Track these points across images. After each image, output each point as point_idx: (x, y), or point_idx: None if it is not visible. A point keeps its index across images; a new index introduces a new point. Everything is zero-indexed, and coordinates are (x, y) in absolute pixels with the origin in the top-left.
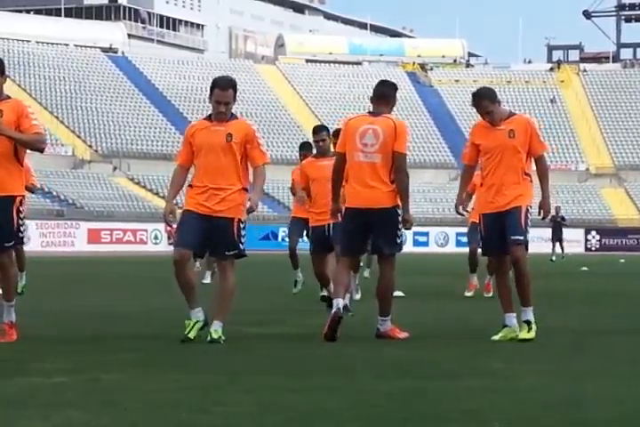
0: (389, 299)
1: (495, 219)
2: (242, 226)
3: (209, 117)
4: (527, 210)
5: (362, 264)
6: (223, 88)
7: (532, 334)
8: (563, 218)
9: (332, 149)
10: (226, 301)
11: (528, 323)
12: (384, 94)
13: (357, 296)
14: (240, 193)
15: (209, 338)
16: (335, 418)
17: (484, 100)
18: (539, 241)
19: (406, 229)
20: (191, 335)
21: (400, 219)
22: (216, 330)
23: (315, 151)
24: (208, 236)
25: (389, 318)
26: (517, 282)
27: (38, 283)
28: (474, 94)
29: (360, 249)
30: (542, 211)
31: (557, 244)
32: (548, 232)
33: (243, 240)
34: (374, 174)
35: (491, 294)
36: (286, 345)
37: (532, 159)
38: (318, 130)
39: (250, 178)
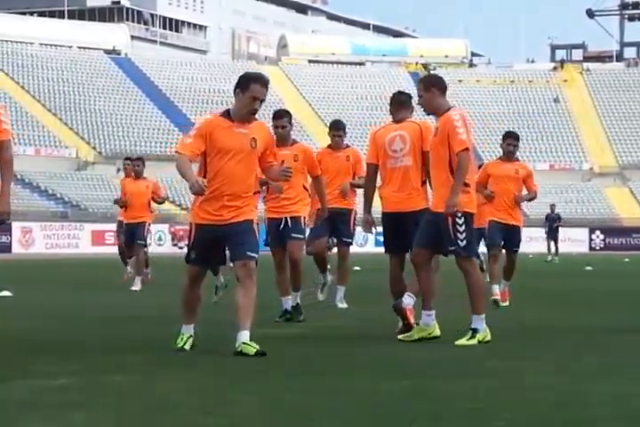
0: (432, 294)
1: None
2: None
3: (227, 115)
4: (454, 216)
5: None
6: (263, 84)
7: (469, 342)
8: (559, 217)
9: (291, 137)
10: (253, 307)
11: (473, 331)
12: (402, 101)
13: (344, 305)
14: (254, 197)
15: (251, 353)
16: (339, 418)
17: (419, 84)
18: (536, 241)
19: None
20: (187, 347)
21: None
22: (250, 342)
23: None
24: (224, 244)
25: (433, 313)
26: (467, 289)
27: (43, 285)
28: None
29: (404, 247)
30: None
31: (552, 243)
32: (526, 231)
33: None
34: (407, 179)
35: (507, 303)
36: (290, 346)
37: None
38: (279, 115)
39: None
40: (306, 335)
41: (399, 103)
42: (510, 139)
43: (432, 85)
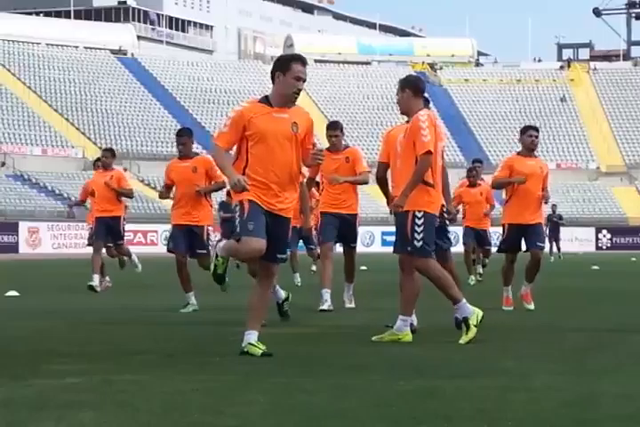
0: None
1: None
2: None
3: (265, 100)
4: (414, 215)
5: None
6: (303, 63)
7: (470, 334)
8: (560, 217)
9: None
10: (266, 309)
11: (464, 320)
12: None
13: (352, 305)
14: (297, 192)
15: (257, 354)
16: (349, 418)
17: (398, 84)
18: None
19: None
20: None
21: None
22: (257, 343)
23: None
24: (269, 234)
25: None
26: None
27: (50, 284)
28: None
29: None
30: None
31: (554, 243)
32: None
33: None
34: None
35: (533, 306)
36: (299, 345)
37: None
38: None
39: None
40: (314, 335)
41: None
42: (530, 130)
43: (406, 86)
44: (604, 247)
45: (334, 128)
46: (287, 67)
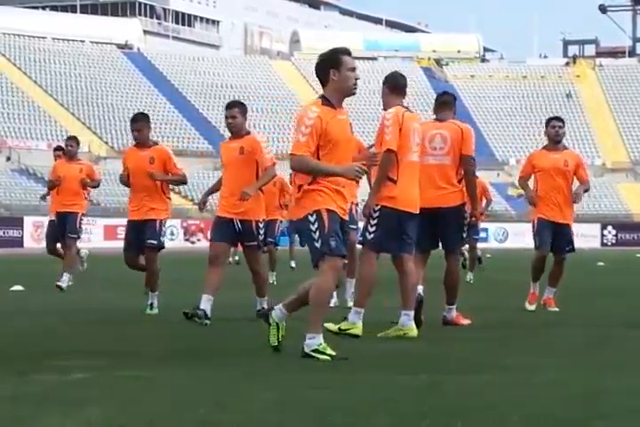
0: (456, 289)
1: None
2: None
3: (326, 101)
4: (372, 209)
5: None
6: (350, 54)
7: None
8: None
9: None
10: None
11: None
12: (446, 101)
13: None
14: None
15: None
16: (354, 414)
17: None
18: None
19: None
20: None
21: (467, 216)
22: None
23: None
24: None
25: (455, 307)
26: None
27: (54, 279)
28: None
29: (432, 245)
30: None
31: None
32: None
33: None
34: (443, 176)
35: (556, 308)
36: (303, 342)
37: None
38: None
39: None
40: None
41: (444, 103)
42: (553, 120)
43: (385, 83)
44: (610, 244)
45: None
46: (339, 61)
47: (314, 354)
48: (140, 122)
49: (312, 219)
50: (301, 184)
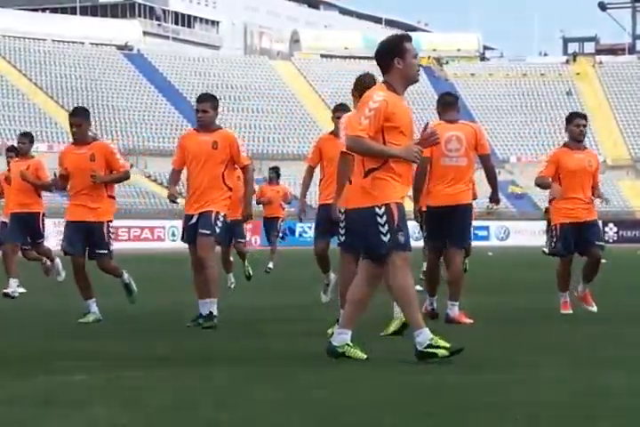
0: (459, 285)
1: None
2: None
3: (392, 89)
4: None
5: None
6: (411, 39)
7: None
8: None
9: None
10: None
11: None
12: (450, 102)
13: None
14: None
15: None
16: (355, 414)
17: None
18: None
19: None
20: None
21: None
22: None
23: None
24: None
25: (458, 304)
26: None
27: (56, 281)
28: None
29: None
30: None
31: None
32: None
33: None
34: (460, 176)
35: (595, 308)
36: (304, 341)
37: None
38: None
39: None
40: (319, 331)
41: (447, 104)
42: (577, 118)
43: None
44: (611, 241)
45: (342, 109)
46: (403, 48)
47: (430, 350)
48: (79, 116)
49: (380, 211)
50: (372, 168)
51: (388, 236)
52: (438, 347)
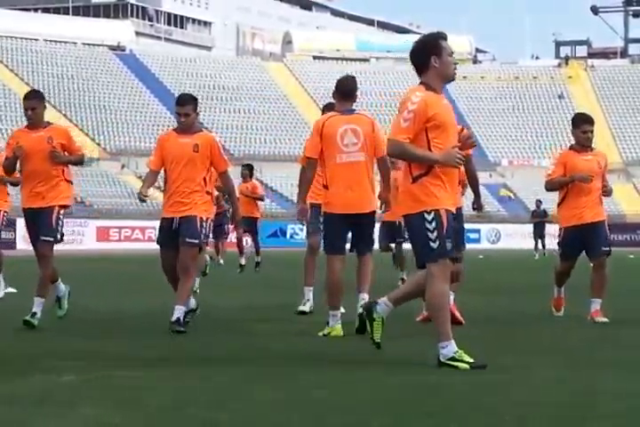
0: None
1: None
2: None
3: (429, 87)
4: None
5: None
6: (445, 38)
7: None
8: (545, 213)
9: None
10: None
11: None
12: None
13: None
14: None
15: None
16: (353, 414)
17: None
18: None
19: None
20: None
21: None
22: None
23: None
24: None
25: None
26: None
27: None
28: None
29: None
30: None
31: (539, 240)
32: (528, 228)
33: None
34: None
35: (606, 319)
36: (301, 342)
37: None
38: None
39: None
40: (315, 332)
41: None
42: (585, 124)
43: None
44: None
45: (331, 109)
46: (439, 46)
47: (451, 363)
48: (33, 99)
49: (429, 217)
50: (420, 173)
51: (437, 243)
52: (462, 361)
